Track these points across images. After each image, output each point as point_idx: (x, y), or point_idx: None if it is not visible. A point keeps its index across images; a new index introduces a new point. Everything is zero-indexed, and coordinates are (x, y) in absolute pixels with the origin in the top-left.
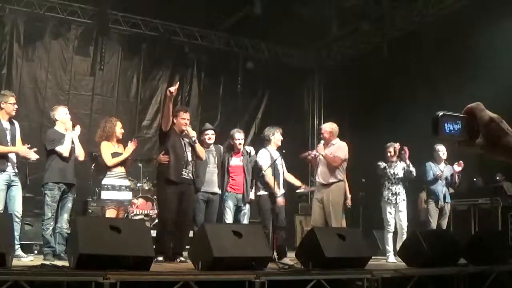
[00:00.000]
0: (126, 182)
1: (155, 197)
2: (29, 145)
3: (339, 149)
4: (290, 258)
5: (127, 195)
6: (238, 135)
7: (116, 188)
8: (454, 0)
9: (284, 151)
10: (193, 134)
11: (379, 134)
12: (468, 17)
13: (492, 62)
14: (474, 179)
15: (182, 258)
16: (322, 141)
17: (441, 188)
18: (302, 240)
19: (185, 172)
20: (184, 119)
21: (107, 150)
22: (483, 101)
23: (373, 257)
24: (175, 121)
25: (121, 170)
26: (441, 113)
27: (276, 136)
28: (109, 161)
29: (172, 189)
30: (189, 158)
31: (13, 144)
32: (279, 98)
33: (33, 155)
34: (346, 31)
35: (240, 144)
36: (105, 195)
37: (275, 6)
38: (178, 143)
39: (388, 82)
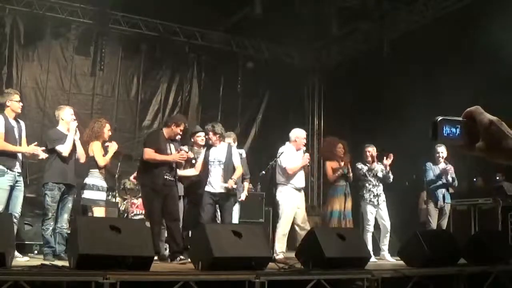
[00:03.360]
0: (105, 183)
1: None
2: (36, 143)
3: None
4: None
5: (105, 196)
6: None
7: (100, 189)
8: (454, 0)
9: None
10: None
11: (379, 134)
12: (468, 17)
13: (492, 62)
14: (474, 179)
15: (182, 257)
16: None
17: (440, 189)
18: (302, 240)
19: (168, 176)
20: (182, 131)
21: (100, 149)
22: (483, 102)
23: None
24: (172, 127)
25: (102, 171)
26: (439, 118)
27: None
28: (102, 160)
29: (155, 193)
30: (173, 164)
31: (20, 143)
32: (279, 98)
33: (42, 154)
34: (346, 31)
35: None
36: (94, 195)
37: (275, 6)
38: (164, 149)
39: (388, 82)
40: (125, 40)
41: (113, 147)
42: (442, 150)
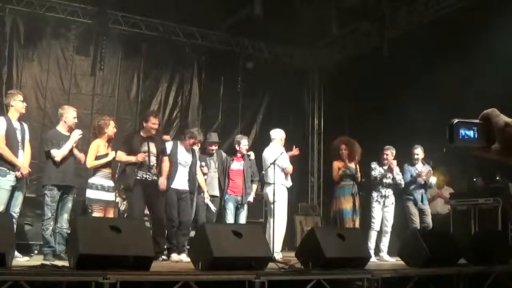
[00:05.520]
0: (111, 183)
1: None
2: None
3: None
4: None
5: (112, 196)
6: (244, 142)
7: (105, 189)
8: (454, 0)
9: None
10: (206, 171)
11: (379, 134)
12: (468, 17)
13: (492, 62)
14: (474, 179)
15: (164, 257)
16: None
17: (418, 190)
18: (302, 240)
19: (148, 175)
20: (154, 124)
21: (94, 150)
22: (483, 101)
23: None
24: (144, 125)
25: (108, 170)
26: (456, 120)
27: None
28: (89, 162)
29: (131, 192)
30: (152, 162)
31: (23, 145)
32: (279, 98)
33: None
34: (346, 31)
35: (246, 150)
36: (93, 194)
37: (275, 6)
38: (137, 149)
39: (388, 82)
40: (125, 40)
41: (110, 156)
42: (418, 152)
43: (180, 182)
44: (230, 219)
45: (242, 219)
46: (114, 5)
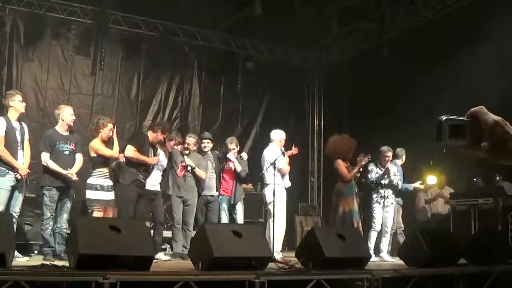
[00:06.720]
0: (110, 182)
1: None
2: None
3: None
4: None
5: (111, 195)
6: (231, 146)
7: (105, 189)
8: (454, 0)
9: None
10: (189, 162)
11: (379, 134)
12: (468, 17)
13: (492, 62)
14: (474, 179)
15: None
16: None
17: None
18: (302, 240)
19: (142, 178)
20: (165, 139)
21: (100, 144)
22: (482, 101)
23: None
24: (158, 134)
25: (106, 170)
26: (444, 117)
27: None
28: (109, 152)
29: (127, 191)
30: (150, 167)
31: (22, 146)
32: (280, 98)
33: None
34: (346, 31)
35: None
36: (93, 195)
37: (275, 6)
38: (147, 151)
39: (388, 82)
40: (125, 40)
41: (116, 146)
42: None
43: (153, 184)
44: (224, 219)
45: (238, 219)
46: (114, 5)
